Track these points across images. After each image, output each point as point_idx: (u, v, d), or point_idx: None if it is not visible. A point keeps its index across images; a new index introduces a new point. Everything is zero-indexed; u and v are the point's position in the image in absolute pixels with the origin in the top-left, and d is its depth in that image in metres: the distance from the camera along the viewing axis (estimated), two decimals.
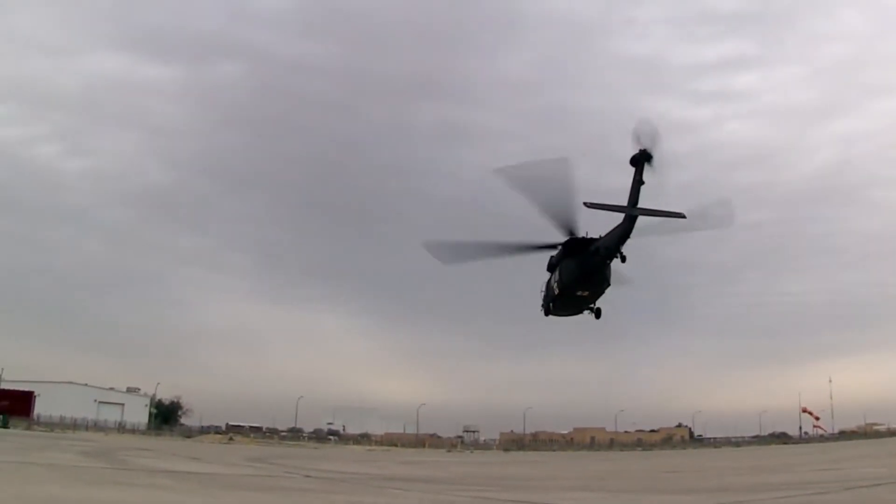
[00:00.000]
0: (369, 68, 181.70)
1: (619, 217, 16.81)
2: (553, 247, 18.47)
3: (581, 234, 18.00)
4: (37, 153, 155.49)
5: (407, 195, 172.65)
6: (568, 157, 16.95)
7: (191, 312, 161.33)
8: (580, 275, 17.93)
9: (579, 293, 18.36)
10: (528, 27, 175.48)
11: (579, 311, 19.19)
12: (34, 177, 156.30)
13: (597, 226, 17.81)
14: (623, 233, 16.74)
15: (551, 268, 19.02)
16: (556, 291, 18.77)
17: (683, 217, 16.22)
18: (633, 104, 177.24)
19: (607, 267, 17.73)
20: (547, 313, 19.63)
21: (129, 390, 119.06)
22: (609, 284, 18.03)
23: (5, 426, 63.03)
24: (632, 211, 16.48)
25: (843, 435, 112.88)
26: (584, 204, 16.26)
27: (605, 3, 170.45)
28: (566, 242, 18.04)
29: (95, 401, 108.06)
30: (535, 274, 19.99)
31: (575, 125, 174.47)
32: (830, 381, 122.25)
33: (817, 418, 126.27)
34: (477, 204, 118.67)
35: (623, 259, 17.26)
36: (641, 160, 16.45)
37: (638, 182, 16.39)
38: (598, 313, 18.93)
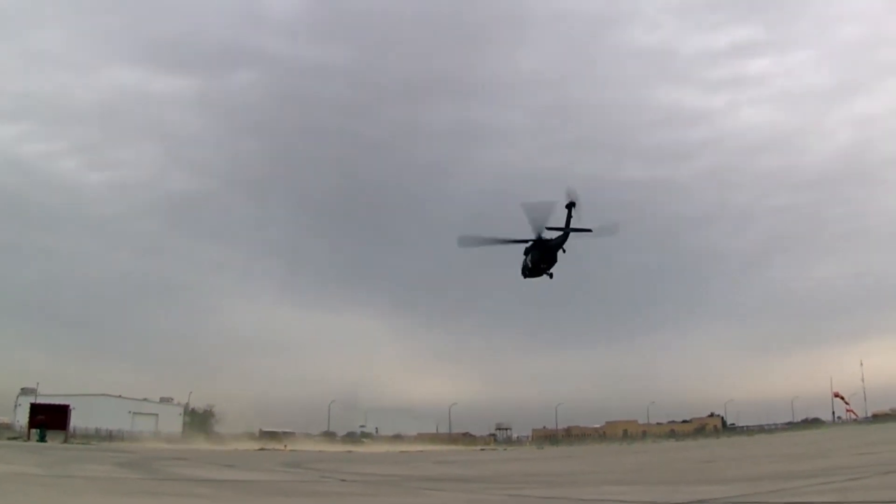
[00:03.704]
0: (383, 69, 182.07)
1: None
2: (528, 241, 31.79)
3: (544, 234, 31.74)
4: (58, 167, 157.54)
5: (427, 195, 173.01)
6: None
7: (220, 320, 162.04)
8: (542, 256, 31.79)
9: (542, 266, 32.02)
10: (538, 24, 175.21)
11: (541, 275, 32.44)
12: (58, 191, 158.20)
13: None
14: (562, 239, 31.08)
15: (526, 252, 32.43)
16: (530, 265, 32.43)
17: (590, 231, 30.74)
18: (647, 95, 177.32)
19: (557, 251, 31.27)
20: (524, 277, 32.93)
21: (163, 400, 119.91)
22: (556, 261, 31.80)
23: (43, 440, 63.81)
24: (562, 230, 30.74)
25: (877, 418, 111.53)
26: (546, 228, 31.14)
27: None
28: (535, 240, 31.84)
29: (130, 412, 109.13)
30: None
31: (590, 119, 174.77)
32: (862, 364, 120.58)
33: (847, 402, 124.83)
34: (498, 200, 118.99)
35: (563, 251, 31.67)
36: (571, 206, 30.35)
37: (569, 216, 30.56)
38: (550, 275, 32.33)
